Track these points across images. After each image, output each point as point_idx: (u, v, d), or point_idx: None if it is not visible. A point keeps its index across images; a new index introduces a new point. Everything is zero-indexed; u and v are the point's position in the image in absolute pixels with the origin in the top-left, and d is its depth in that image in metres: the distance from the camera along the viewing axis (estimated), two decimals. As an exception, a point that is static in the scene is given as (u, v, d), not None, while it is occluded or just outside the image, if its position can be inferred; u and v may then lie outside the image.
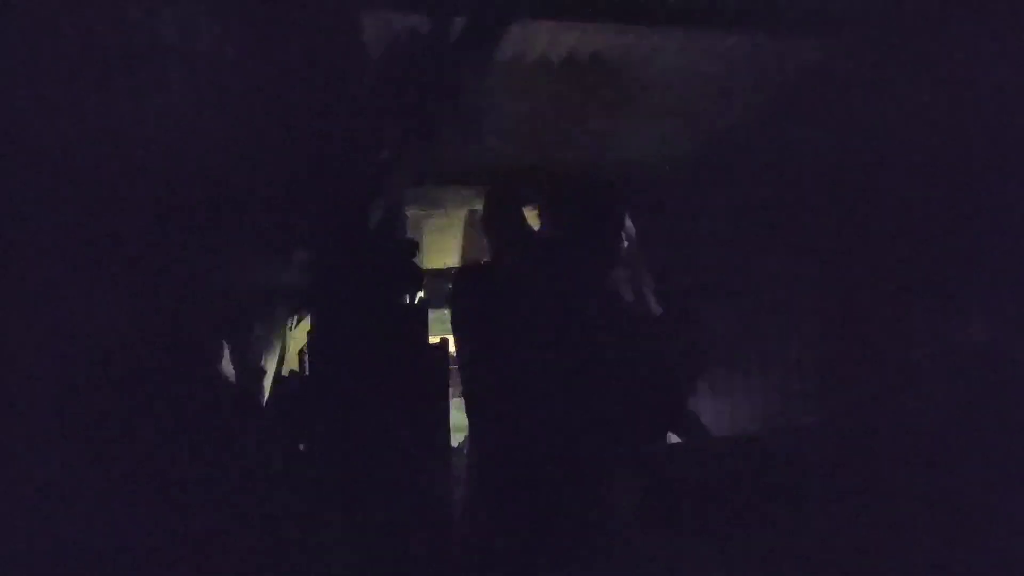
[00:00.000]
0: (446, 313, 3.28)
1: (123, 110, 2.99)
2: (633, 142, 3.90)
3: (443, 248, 4.58)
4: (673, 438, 3.43)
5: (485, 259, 3.71)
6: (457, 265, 4.48)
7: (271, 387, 2.88)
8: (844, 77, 3.29)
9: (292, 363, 3.04)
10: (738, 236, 3.75)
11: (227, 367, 2.72)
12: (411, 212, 4.34)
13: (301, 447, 2.66)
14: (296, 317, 3.07)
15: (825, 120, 3.37)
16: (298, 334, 3.03)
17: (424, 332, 2.81)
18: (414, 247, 2.92)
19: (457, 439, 3.72)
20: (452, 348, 3.09)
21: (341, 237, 2.77)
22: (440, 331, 3.16)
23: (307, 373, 2.74)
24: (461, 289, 3.18)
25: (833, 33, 3.09)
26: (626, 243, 3.42)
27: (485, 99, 3.28)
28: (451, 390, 2.88)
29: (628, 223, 3.47)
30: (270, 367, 2.94)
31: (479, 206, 4.49)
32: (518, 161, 3.95)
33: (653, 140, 3.87)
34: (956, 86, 3.05)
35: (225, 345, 2.73)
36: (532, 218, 3.69)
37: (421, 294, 2.84)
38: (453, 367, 3.06)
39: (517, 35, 3.02)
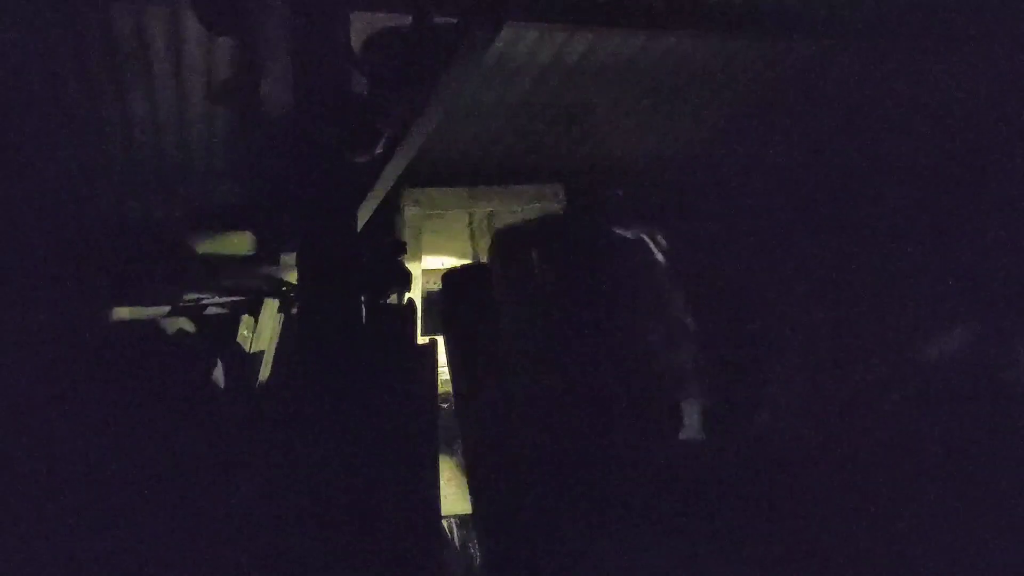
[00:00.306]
0: None
1: (112, 110, 3.02)
2: (623, 143, 3.91)
3: (441, 248, 4.59)
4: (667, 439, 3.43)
5: (479, 260, 3.73)
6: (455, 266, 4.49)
7: (259, 386, 2.89)
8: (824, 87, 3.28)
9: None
10: (721, 239, 3.74)
11: (216, 367, 2.74)
12: (410, 213, 4.36)
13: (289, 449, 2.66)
14: (285, 317, 3.08)
15: (805, 128, 3.37)
16: (285, 334, 3.05)
17: (413, 332, 2.81)
18: (402, 247, 2.93)
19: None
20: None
21: (330, 237, 2.77)
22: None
23: (293, 371, 2.75)
24: (451, 289, 3.15)
25: (825, 34, 3.08)
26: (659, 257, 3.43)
27: (473, 100, 3.30)
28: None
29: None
30: (259, 366, 2.96)
31: (478, 208, 4.52)
32: (506, 162, 3.97)
33: (643, 141, 3.87)
34: (938, 97, 3.04)
35: (213, 343, 2.75)
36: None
37: (409, 294, 2.85)
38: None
39: (507, 37, 3.02)
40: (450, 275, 3.17)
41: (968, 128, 3.04)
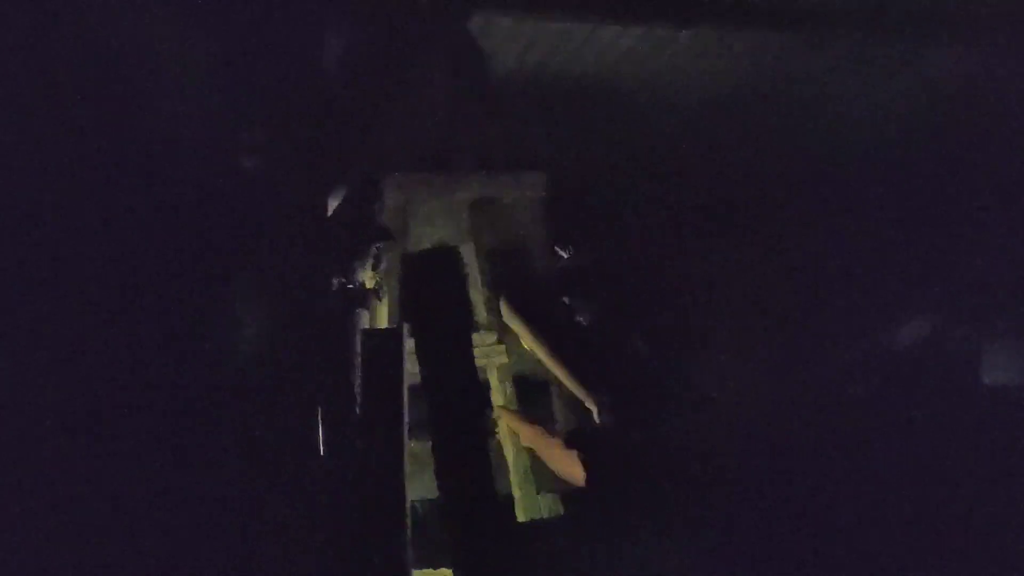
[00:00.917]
0: None
1: (107, 111, 3.01)
2: (606, 134, 3.90)
3: (423, 234, 4.59)
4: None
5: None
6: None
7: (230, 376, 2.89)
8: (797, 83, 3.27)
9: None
10: (694, 231, 3.75)
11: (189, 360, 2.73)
12: (391, 198, 4.36)
13: (258, 435, 2.67)
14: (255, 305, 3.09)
15: (783, 123, 3.36)
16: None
17: (379, 317, 2.83)
18: (382, 233, 2.93)
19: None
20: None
21: (299, 225, 2.79)
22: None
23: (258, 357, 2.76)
24: (413, 272, 3.12)
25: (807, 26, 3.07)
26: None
27: (443, 91, 3.29)
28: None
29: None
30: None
31: (460, 195, 4.52)
32: (489, 149, 3.96)
33: (614, 139, 3.86)
34: (918, 96, 3.04)
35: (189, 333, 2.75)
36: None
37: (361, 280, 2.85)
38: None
39: (476, 28, 3.01)
40: (411, 258, 3.12)
41: (946, 126, 3.05)
